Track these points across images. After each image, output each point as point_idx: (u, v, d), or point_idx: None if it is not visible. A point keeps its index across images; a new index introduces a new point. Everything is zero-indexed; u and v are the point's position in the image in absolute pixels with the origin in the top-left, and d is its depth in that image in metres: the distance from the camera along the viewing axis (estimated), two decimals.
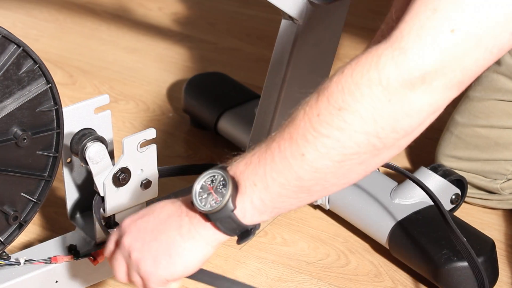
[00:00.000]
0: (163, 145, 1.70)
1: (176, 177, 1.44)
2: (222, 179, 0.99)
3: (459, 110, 1.55)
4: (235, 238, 1.01)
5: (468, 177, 1.52)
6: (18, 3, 2.23)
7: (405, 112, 0.91)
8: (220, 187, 0.99)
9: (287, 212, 1.01)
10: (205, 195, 1.00)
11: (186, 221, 1.01)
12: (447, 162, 1.53)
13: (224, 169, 1.00)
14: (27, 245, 1.45)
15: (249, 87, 1.76)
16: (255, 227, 1.00)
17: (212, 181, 1.00)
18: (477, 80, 1.52)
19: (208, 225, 0.99)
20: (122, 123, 1.77)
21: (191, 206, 1.01)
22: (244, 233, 1.00)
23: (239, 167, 0.99)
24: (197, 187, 1.01)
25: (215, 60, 2.01)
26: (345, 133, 0.92)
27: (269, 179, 0.96)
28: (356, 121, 0.91)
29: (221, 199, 0.98)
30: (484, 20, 0.88)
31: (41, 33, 2.11)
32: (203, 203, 0.99)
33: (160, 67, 1.98)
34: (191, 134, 1.75)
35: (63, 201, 1.51)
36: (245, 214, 0.98)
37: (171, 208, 1.03)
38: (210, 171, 1.01)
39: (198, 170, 1.10)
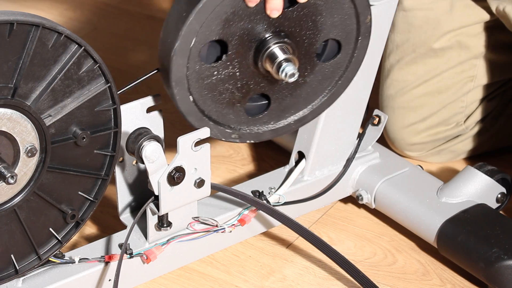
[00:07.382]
0: None
1: None
2: None
3: (386, 85, 1.60)
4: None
5: (430, 137, 1.60)
6: (51, 4, 2.23)
7: None
8: None
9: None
10: None
11: None
12: (408, 135, 1.60)
13: None
14: (75, 244, 1.46)
15: None
16: None
17: None
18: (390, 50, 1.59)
19: None
20: None
21: None
22: None
23: None
24: None
25: None
26: None
27: None
28: None
29: None
30: None
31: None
32: None
33: None
34: None
35: (109, 200, 1.52)
36: None
37: None
38: None
39: None
